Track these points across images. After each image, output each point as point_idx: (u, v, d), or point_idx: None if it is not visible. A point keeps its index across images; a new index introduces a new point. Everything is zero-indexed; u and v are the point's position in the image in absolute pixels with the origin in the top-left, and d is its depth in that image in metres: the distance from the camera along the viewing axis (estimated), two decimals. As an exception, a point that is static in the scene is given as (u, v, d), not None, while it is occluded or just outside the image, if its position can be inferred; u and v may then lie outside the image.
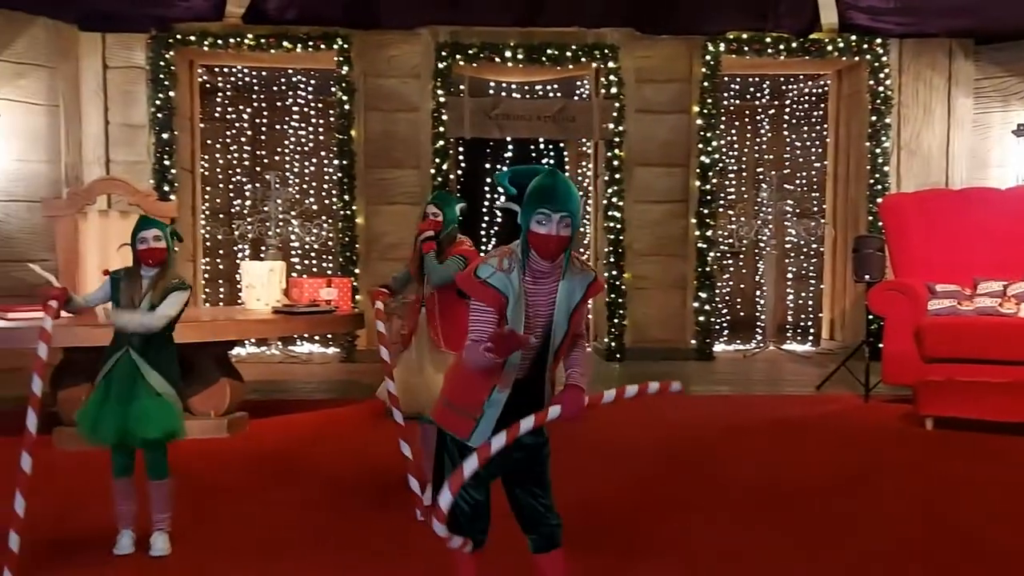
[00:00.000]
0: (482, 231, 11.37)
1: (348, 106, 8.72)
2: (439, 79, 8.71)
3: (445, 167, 8.79)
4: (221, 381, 5.52)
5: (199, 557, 3.34)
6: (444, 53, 8.70)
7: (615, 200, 8.90)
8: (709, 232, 9.03)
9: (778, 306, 10.56)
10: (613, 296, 8.94)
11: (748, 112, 11.72)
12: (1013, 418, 5.39)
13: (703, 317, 9.04)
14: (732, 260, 11.52)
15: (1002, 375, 5.68)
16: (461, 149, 10.34)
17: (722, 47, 8.86)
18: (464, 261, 3.68)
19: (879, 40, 8.86)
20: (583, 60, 8.86)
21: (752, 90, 11.02)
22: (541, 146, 11.22)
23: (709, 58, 8.88)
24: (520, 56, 8.70)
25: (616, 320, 8.94)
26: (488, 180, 11.01)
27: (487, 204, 11.28)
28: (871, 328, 8.10)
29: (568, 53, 8.76)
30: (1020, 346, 5.98)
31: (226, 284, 10.59)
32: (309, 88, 10.56)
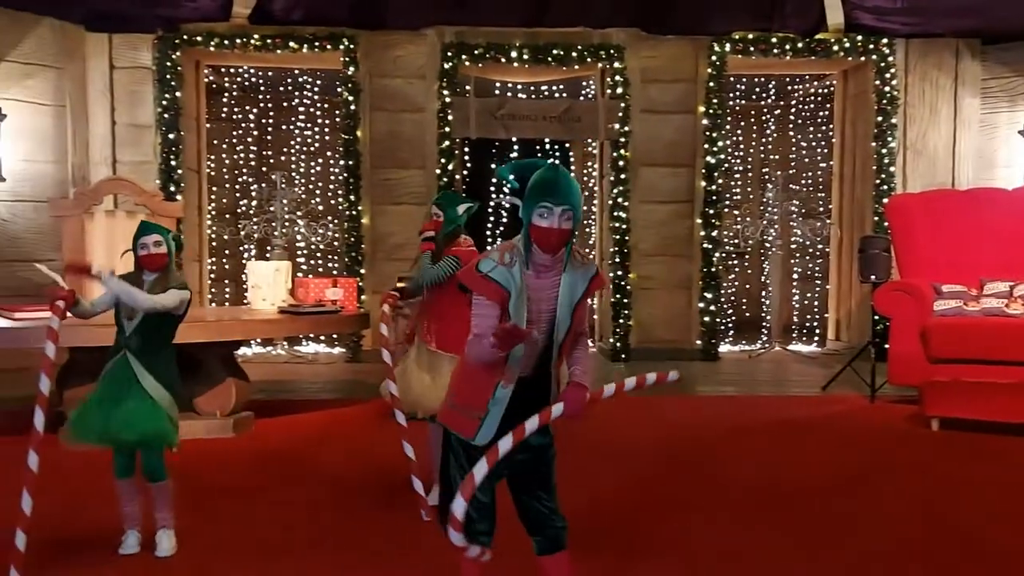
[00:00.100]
0: (488, 230, 11.36)
1: (354, 106, 8.74)
2: (445, 79, 8.72)
3: (451, 167, 8.80)
4: (227, 381, 5.54)
5: (204, 557, 3.35)
6: (450, 53, 8.71)
7: (620, 200, 8.90)
8: (714, 232, 9.03)
9: (783, 306, 10.55)
10: (618, 296, 8.94)
11: (754, 112, 11.70)
12: (1019, 419, 5.37)
13: (708, 317, 9.04)
14: (737, 260, 11.51)
15: (1008, 376, 5.66)
16: (467, 149, 10.34)
17: (728, 47, 8.85)
18: (457, 262, 3.69)
19: (885, 40, 8.83)
20: (589, 60, 8.86)
21: (758, 90, 11.01)
22: (547, 146, 11.22)
23: (715, 58, 8.87)
24: (526, 56, 8.70)
25: (621, 320, 8.94)
26: (494, 180, 11.01)
27: (493, 204, 11.28)
28: (877, 329, 8.07)
29: (574, 53, 8.76)
30: (1026, 347, 5.95)
31: (232, 284, 10.62)
32: (315, 88, 10.58)
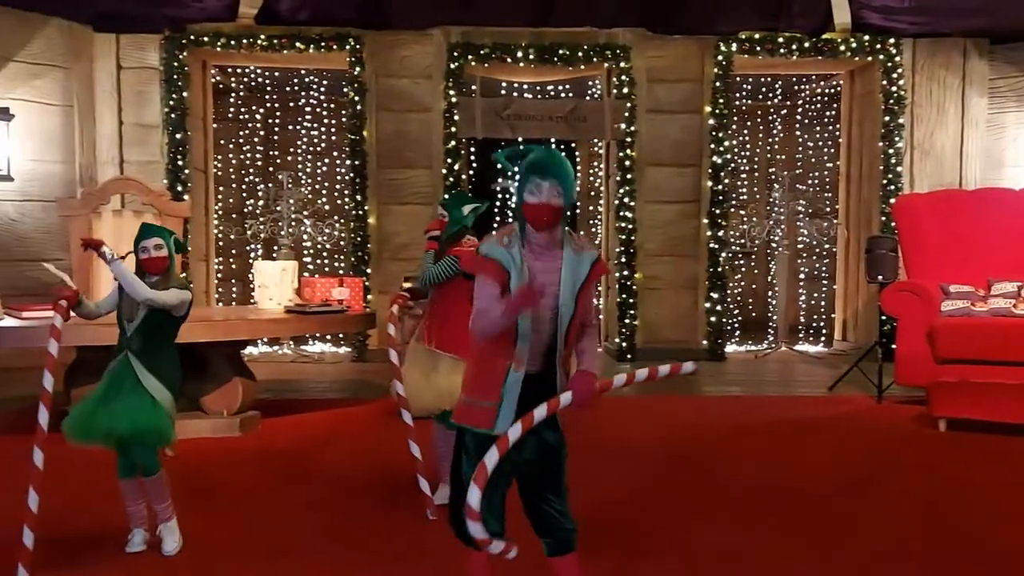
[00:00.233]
0: (494, 230, 11.37)
1: (360, 106, 8.74)
2: (451, 79, 8.72)
3: (457, 167, 8.80)
4: (234, 380, 5.55)
5: (210, 555, 3.36)
6: (456, 53, 8.71)
7: (627, 200, 8.89)
8: (721, 232, 9.01)
9: (790, 307, 10.52)
10: (624, 296, 8.93)
11: (760, 112, 11.69)
12: (1027, 420, 5.35)
13: (715, 317, 9.02)
14: (744, 260, 11.49)
15: (1016, 376, 5.64)
16: (472, 149, 10.35)
17: (734, 47, 8.84)
18: (457, 261, 3.71)
19: (892, 40, 8.80)
20: (595, 60, 8.85)
21: (764, 90, 10.99)
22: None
23: (721, 58, 8.85)
24: (532, 56, 8.70)
25: (627, 320, 8.93)
26: (499, 181, 11.01)
27: (498, 204, 11.29)
28: (884, 329, 8.06)
29: (580, 53, 8.75)
30: (1034, 347, 5.93)
31: (239, 284, 10.64)
32: (321, 88, 10.59)
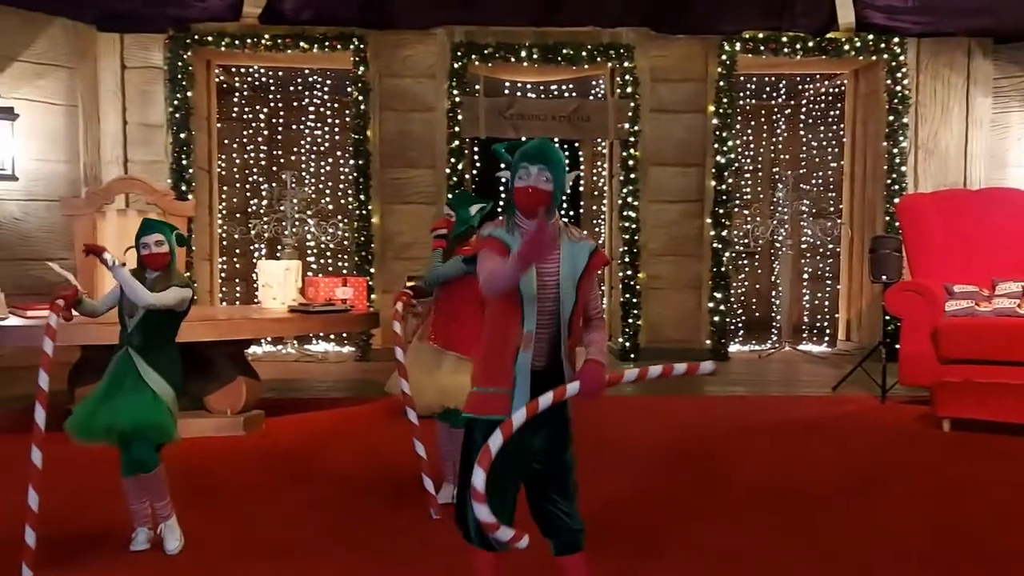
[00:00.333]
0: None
1: (364, 106, 8.75)
2: (454, 79, 8.72)
3: (460, 167, 8.81)
4: (237, 379, 5.56)
5: (213, 554, 3.36)
6: (459, 53, 8.71)
7: (630, 200, 8.88)
8: (724, 232, 9.00)
9: (794, 306, 10.52)
10: (628, 296, 8.93)
11: (764, 112, 11.68)
12: (1031, 420, 5.34)
13: (718, 317, 9.02)
14: (747, 260, 11.48)
15: (1020, 376, 5.62)
16: (476, 149, 10.35)
17: (738, 46, 8.82)
18: (464, 261, 3.72)
19: (896, 39, 8.78)
20: (598, 60, 8.84)
21: (768, 89, 10.98)
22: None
23: (725, 57, 8.84)
24: (535, 56, 8.70)
25: (631, 320, 8.93)
26: (503, 181, 11.00)
27: (503, 201, 11.30)
28: (888, 329, 8.05)
29: (583, 53, 8.75)
30: (1038, 347, 5.92)
31: (242, 283, 10.66)
32: (325, 88, 10.60)
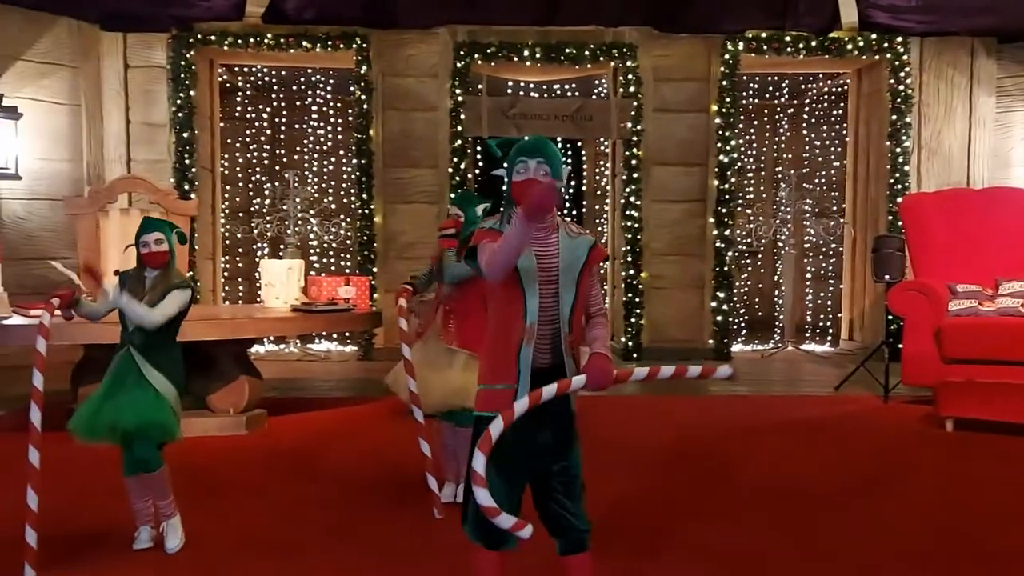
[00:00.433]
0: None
1: (366, 105, 8.75)
2: (457, 78, 8.72)
3: (463, 166, 8.81)
4: (240, 378, 5.56)
5: (215, 553, 3.36)
6: (462, 52, 8.72)
7: (633, 199, 8.88)
8: (727, 231, 9.00)
9: (796, 306, 10.51)
10: (631, 295, 8.92)
11: (767, 111, 11.67)
12: (1034, 420, 5.33)
13: (721, 317, 9.01)
14: (750, 260, 11.47)
15: (1023, 376, 5.62)
16: (479, 148, 10.36)
17: (741, 46, 8.82)
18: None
19: (900, 39, 8.77)
20: (601, 59, 8.84)
21: (771, 89, 10.98)
22: (559, 145, 11.22)
23: (728, 57, 8.83)
24: (538, 55, 8.70)
25: (633, 319, 8.92)
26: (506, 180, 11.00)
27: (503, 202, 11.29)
28: (891, 328, 8.03)
29: (586, 52, 8.74)
30: (1042, 347, 5.91)
31: (245, 282, 10.67)
32: (328, 87, 10.61)
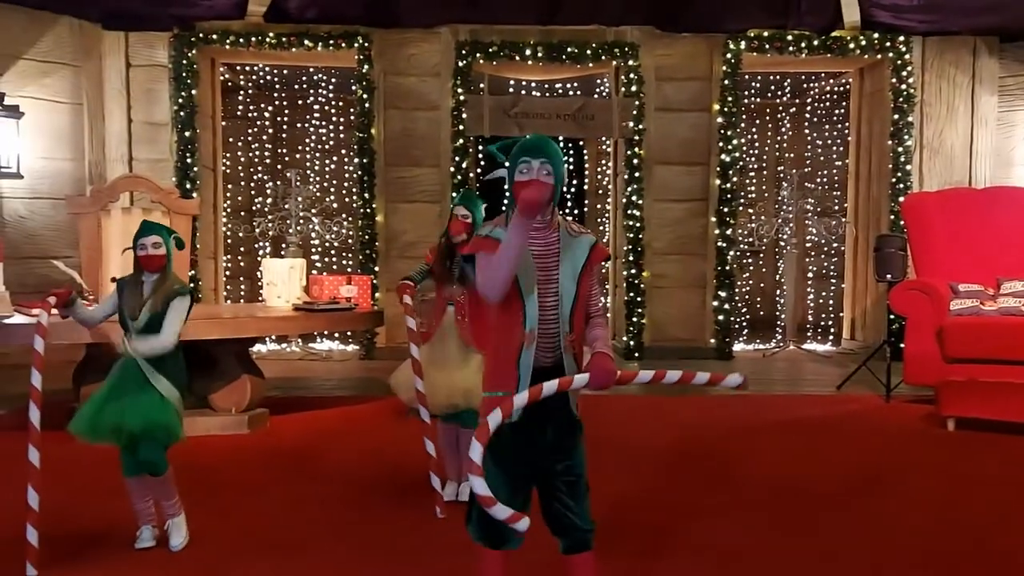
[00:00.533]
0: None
1: (368, 104, 8.75)
2: (459, 77, 8.72)
3: (464, 165, 8.81)
4: (242, 377, 5.56)
5: (217, 552, 3.36)
6: (464, 51, 8.71)
7: (635, 199, 8.88)
8: (729, 231, 8.99)
9: (798, 305, 10.50)
10: (632, 295, 8.92)
11: (769, 110, 11.66)
12: (1036, 420, 5.33)
13: (723, 316, 9.01)
14: (752, 259, 11.47)
15: (1025, 376, 5.63)
16: (480, 148, 10.36)
17: (743, 45, 8.81)
18: None
19: (902, 38, 8.76)
20: (603, 58, 8.84)
21: (773, 88, 10.97)
22: (561, 144, 11.22)
23: (730, 56, 8.82)
24: (540, 54, 8.69)
25: (635, 319, 8.92)
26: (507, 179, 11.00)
27: (505, 202, 11.30)
28: (892, 328, 8.02)
29: (588, 51, 8.74)
30: (1044, 347, 5.91)
31: (247, 281, 10.67)
32: (330, 86, 10.61)
